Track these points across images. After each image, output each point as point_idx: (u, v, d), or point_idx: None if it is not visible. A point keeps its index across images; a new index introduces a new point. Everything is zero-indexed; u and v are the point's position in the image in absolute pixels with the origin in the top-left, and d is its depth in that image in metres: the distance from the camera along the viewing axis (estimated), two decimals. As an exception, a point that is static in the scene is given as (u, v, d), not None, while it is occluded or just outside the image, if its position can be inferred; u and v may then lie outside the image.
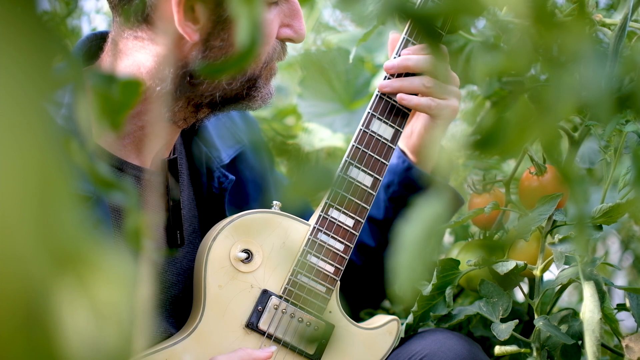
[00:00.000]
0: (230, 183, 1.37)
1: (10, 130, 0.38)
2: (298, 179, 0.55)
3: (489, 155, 1.38)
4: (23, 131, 0.39)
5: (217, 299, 1.26)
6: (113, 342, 0.41)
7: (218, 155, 1.38)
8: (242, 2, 0.52)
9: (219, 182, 1.36)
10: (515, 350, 1.31)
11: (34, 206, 0.39)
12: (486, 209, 1.33)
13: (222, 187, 1.36)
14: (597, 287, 1.20)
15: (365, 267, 1.49)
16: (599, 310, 1.16)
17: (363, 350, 1.32)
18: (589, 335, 1.14)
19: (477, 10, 0.53)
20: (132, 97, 0.53)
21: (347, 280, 1.44)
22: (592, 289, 1.19)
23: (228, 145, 1.41)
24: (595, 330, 1.15)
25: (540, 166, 1.37)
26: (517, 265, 1.29)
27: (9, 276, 0.37)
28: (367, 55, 1.98)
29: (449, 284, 1.35)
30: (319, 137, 1.85)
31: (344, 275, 1.32)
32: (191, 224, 1.34)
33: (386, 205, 1.45)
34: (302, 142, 1.86)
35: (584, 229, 0.65)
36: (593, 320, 1.15)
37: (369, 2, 0.86)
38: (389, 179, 1.43)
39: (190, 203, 1.35)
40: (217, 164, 1.37)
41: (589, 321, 1.15)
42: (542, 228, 1.33)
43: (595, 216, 1.26)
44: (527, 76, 1.26)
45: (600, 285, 1.21)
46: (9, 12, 0.40)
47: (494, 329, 1.28)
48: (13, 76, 0.39)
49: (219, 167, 1.37)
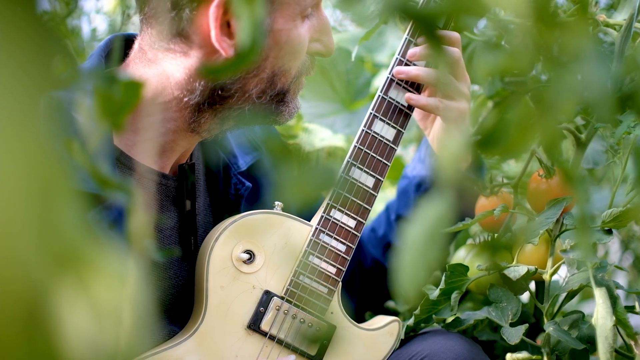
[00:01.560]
0: (247, 190, 1.37)
1: (11, 130, 0.38)
2: (300, 179, 0.55)
3: (491, 156, 1.38)
4: (23, 131, 0.39)
5: (219, 300, 1.25)
6: (113, 342, 0.40)
7: (235, 162, 1.38)
8: (243, 3, 0.52)
9: (235, 188, 1.36)
10: (527, 357, 1.31)
11: (36, 206, 0.38)
12: (496, 212, 1.32)
13: (239, 194, 1.36)
14: (609, 292, 1.19)
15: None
16: (611, 317, 1.15)
17: (364, 351, 1.32)
18: (601, 342, 1.13)
19: (480, 10, 0.52)
20: (134, 98, 0.53)
21: (374, 283, 1.44)
22: (604, 295, 1.18)
23: (246, 152, 1.40)
24: (609, 337, 1.14)
25: (549, 168, 1.36)
26: (528, 271, 1.28)
27: (9, 276, 0.37)
28: (368, 55, 1.97)
29: (457, 289, 1.34)
30: (319, 137, 1.85)
31: (370, 279, 1.32)
32: (206, 230, 1.34)
33: (417, 204, 1.45)
34: (303, 142, 1.85)
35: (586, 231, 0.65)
36: (606, 326, 1.14)
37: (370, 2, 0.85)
38: (420, 179, 1.43)
39: (206, 209, 1.35)
40: (234, 171, 1.37)
41: (602, 328, 1.14)
42: (551, 231, 1.32)
43: (605, 220, 1.25)
44: (530, 76, 1.26)
45: (612, 290, 1.20)
46: (9, 12, 0.39)
47: (504, 333, 1.27)
48: (13, 76, 0.39)
49: (236, 174, 1.37)
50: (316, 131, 1.88)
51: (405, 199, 1.47)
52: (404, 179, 1.49)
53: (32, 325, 0.38)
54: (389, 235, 1.49)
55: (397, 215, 1.48)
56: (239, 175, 1.37)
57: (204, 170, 1.37)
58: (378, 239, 1.50)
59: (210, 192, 1.37)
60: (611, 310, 1.16)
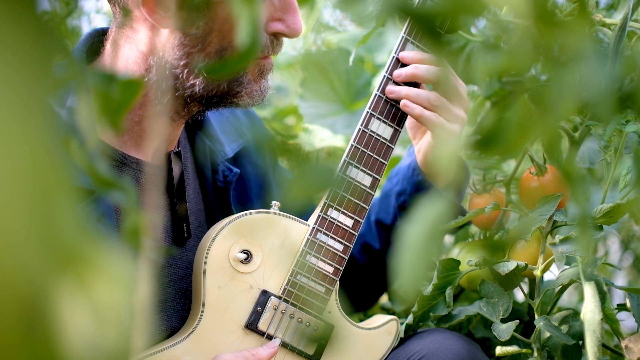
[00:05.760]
0: (235, 176, 1.37)
1: (11, 130, 0.38)
2: (298, 178, 0.55)
3: (490, 155, 1.38)
4: (23, 130, 0.39)
5: (216, 300, 1.25)
6: (113, 342, 0.40)
7: (222, 149, 1.38)
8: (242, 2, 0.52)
9: (223, 175, 1.37)
10: (516, 350, 1.31)
11: (35, 206, 0.38)
12: (487, 209, 1.33)
13: (227, 181, 1.36)
14: (598, 287, 1.20)
15: (368, 266, 1.49)
16: (599, 311, 1.16)
17: (362, 350, 1.32)
18: (589, 336, 1.14)
19: (478, 9, 0.52)
20: (132, 97, 0.53)
21: (347, 277, 1.44)
22: (593, 289, 1.19)
23: (231, 140, 1.41)
24: (596, 331, 1.14)
25: (541, 166, 1.37)
26: (518, 266, 1.29)
27: (9, 276, 0.37)
28: (368, 55, 1.97)
29: (450, 284, 1.35)
30: (319, 137, 1.85)
31: (345, 271, 1.32)
32: (197, 217, 1.34)
33: (395, 212, 1.45)
34: (303, 142, 1.85)
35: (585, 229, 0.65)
36: (594, 320, 1.15)
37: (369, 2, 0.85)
38: (401, 187, 1.43)
39: (197, 197, 1.36)
40: (221, 158, 1.37)
41: (590, 322, 1.15)
42: (542, 228, 1.32)
43: (596, 216, 1.26)
44: (528, 76, 1.26)
45: (601, 285, 1.21)
46: (9, 12, 0.40)
47: (494, 330, 1.28)
48: (13, 76, 0.39)
49: (223, 161, 1.37)
50: (316, 131, 1.87)
51: (386, 204, 1.47)
52: (389, 180, 1.49)
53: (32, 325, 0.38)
54: (367, 235, 1.49)
55: (377, 218, 1.48)
56: (226, 162, 1.37)
57: (192, 159, 1.37)
58: (358, 235, 1.50)
59: (199, 179, 1.37)
60: (600, 305, 1.17)
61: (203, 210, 1.36)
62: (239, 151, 1.42)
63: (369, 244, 1.48)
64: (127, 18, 1.21)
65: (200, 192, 1.37)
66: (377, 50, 1.97)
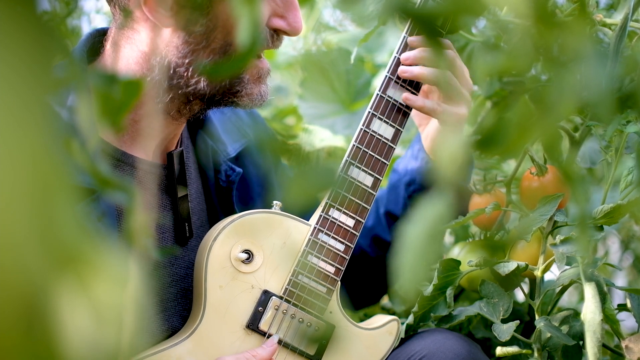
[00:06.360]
0: (238, 176, 1.37)
1: (11, 129, 0.38)
2: (300, 178, 0.55)
3: (490, 155, 1.38)
4: (23, 130, 0.39)
5: (217, 300, 1.25)
6: (112, 342, 0.40)
7: (224, 148, 1.38)
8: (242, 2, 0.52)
9: (226, 175, 1.37)
10: (517, 351, 1.31)
11: (35, 205, 0.38)
12: (487, 210, 1.33)
13: (230, 180, 1.37)
14: (599, 288, 1.20)
15: (379, 259, 1.49)
16: (600, 312, 1.16)
17: (363, 350, 1.32)
18: (590, 337, 1.14)
19: (478, 9, 0.52)
20: (133, 97, 0.53)
21: (358, 271, 1.44)
22: (593, 290, 1.19)
23: (234, 140, 1.41)
24: (597, 332, 1.14)
25: (541, 166, 1.37)
26: (518, 266, 1.28)
27: (9, 276, 0.37)
28: (368, 55, 1.97)
29: (450, 284, 1.35)
30: (319, 137, 1.85)
31: (355, 266, 1.32)
32: (200, 217, 1.34)
33: (405, 202, 1.45)
34: (303, 142, 1.85)
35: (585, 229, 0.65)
36: (594, 321, 1.15)
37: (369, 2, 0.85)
38: (410, 177, 1.43)
39: (199, 196, 1.36)
40: (224, 158, 1.37)
41: (590, 322, 1.15)
42: (543, 229, 1.32)
43: (596, 217, 1.26)
44: (528, 76, 1.26)
45: (602, 286, 1.21)
46: (9, 12, 0.40)
47: (494, 330, 1.28)
48: (13, 76, 0.39)
49: (226, 161, 1.37)
50: (316, 132, 1.87)
51: (395, 195, 1.47)
52: (395, 172, 1.49)
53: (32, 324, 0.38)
54: (377, 228, 1.49)
55: (386, 210, 1.48)
56: (228, 162, 1.37)
57: (195, 158, 1.37)
58: (366, 229, 1.50)
59: (202, 179, 1.37)
60: (600, 306, 1.17)
61: (205, 210, 1.36)
62: (242, 151, 1.42)
63: (380, 237, 1.48)
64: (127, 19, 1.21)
65: (202, 191, 1.37)
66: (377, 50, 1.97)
